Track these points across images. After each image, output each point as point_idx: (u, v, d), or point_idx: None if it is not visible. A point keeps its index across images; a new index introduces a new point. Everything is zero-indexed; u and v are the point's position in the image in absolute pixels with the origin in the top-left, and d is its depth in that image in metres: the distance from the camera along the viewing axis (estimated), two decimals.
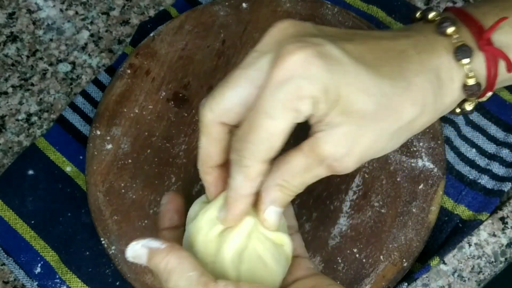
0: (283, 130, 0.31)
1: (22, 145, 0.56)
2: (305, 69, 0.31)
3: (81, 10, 0.61)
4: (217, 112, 0.34)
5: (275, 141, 0.32)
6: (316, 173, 0.34)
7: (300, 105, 0.31)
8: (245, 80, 0.33)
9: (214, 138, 0.35)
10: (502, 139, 0.54)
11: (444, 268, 0.50)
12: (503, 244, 0.51)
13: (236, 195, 0.34)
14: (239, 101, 0.33)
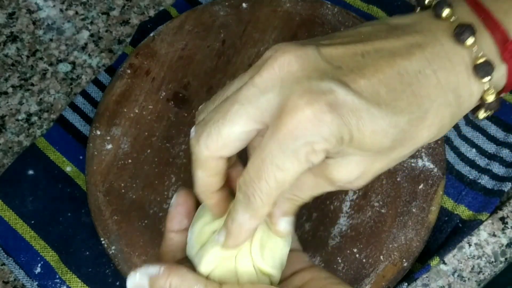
0: (295, 178, 0.31)
1: (22, 145, 0.56)
2: (316, 127, 0.29)
3: (81, 10, 0.61)
4: (214, 150, 0.32)
5: (286, 187, 0.31)
6: (324, 189, 0.34)
7: (313, 158, 0.30)
8: (244, 117, 0.31)
9: (211, 171, 0.34)
10: (502, 139, 0.54)
11: (444, 268, 0.50)
12: (503, 244, 0.51)
13: (240, 229, 0.33)
14: (237, 138, 0.32)
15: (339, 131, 0.30)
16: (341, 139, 0.30)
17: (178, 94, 0.54)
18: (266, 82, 0.31)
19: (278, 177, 0.30)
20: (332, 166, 0.32)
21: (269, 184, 0.30)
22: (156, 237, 0.50)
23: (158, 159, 0.52)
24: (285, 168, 0.30)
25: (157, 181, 0.51)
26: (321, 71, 0.30)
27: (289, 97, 0.30)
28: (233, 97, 0.32)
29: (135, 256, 0.49)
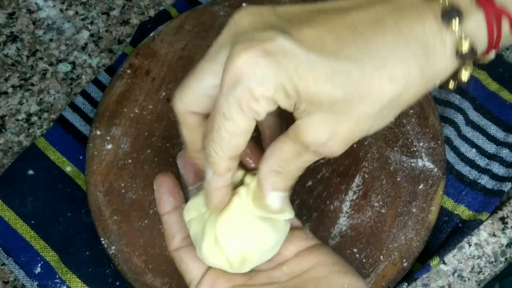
0: (244, 130, 0.32)
1: (22, 145, 0.56)
2: (252, 71, 0.30)
3: (81, 10, 0.61)
4: (186, 103, 0.35)
5: (238, 140, 0.32)
6: (306, 158, 0.34)
7: (255, 107, 0.31)
8: (209, 72, 0.33)
9: (192, 126, 0.36)
10: (502, 139, 0.54)
11: (444, 268, 0.50)
12: (503, 244, 0.51)
13: (210, 188, 0.35)
14: (204, 92, 0.34)
15: (275, 77, 0.30)
16: (282, 88, 0.30)
17: None
18: (224, 39, 0.33)
19: (227, 127, 0.31)
20: (301, 126, 0.32)
21: (220, 135, 0.32)
22: (156, 237, 0.50)
23: (158, 159, 0.52)
24: (232, 117, 0.31)
25: None
26: (268, 24, 0.31)
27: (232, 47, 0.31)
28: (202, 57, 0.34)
29: (135, 256, 0.49)
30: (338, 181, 0.51)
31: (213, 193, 0.35)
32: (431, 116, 0.53)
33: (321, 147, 0.32)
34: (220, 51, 0.33)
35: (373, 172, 0.51)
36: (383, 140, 0.52)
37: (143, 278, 0.49)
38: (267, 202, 0.35)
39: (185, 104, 0.35)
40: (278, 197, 0.35)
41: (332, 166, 0.52)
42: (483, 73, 0.56)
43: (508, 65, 0.57)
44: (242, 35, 0.31)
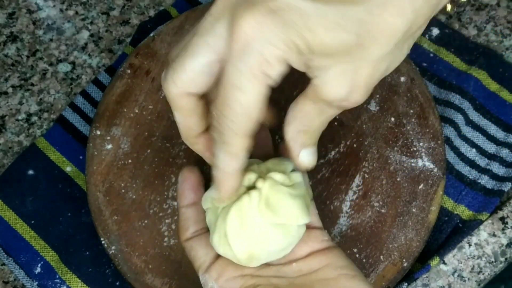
0: (258, 99, 0.30)
1: (22, 145, 0.56)
2: (260, 32, 0.28)
3: (81, 10, 0.61)
4: (181, 85, 0.32)
5: (252, 112, 0.30)
6: (330, 113, 0.33)
7: (268, 70, 0.29)
8: (204, 47, 0.31)
9: (187, 110, 0.34)
10: (502, 139, 0.54)
11: (444, 268, 0.50)
12: (503, 244, 0.51)
13: (223, 174, 0.33)
14: (201, 70, 0.32)
15: (286, 35, 0.28)
16: (294, 45, 0.29)
17: None
18: (219, 9, 0.31)
19: (241, 100, 0.29)
20: (320, 85, 0.31)
21: (234, 109, 0.30)
22: (156, 237, 0.50)
23: (158, 159, 0.52)
24: (245, 87, 0.29)
25: (157, 181, 0.51)
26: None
27: (234, 14, 0.29)
28: (193, 31, 0.32)
29: (135, 256, 0.49)
30: (338, 181, 0.51)
31: (225, 177, 0.33)
32: (431, 116, 0.53)
33: (344, 101, 0.32)
34: (216, 23, 0.31)
35: (373, 172, 0.51)
36: (383, 140, 0.52)
37: (143, 278, 0.49)
38: (300, 160, 0.35)
39: (180, 86, 0.32)
40: (308, 153, 0.35)
41: (332, 166, 0.52)
42: (483, 73, 0.56)
43: (508, 65, 0.57)
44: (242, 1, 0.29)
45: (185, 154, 0.52)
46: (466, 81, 0.56)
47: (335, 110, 0.33)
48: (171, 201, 0.51)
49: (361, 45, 0.30)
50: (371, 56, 0.30)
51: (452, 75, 0.57)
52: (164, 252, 0.49)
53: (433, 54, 0.57)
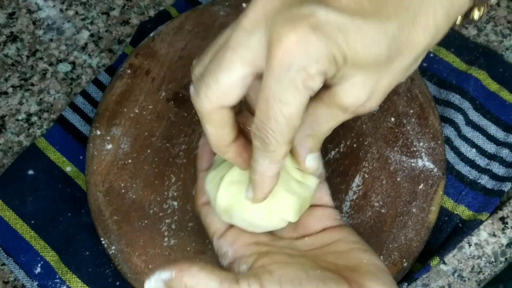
0: (300, 110, 0.31)
1: (22, 145, 0.56)
2: (304, 50, 0.29)
3: (81, 10, 0.61)
4: (215, 99, 0.33)
5: (295, 122, 0.31)
6: (341, 118, 0.34)
7: (311, 84, 0.30)
8: (239, 62, 0.32)
9: (220, 123, 0.34)
10: (502, 139, 0.54)
11: (444, 268, 0.50)
12: (503, 244, 0.51)
13: (263, 178, 0.34)
14: (235, 84, 0.32)
15: (328, 50, 0.29)
16: (333, 59, 0.30)
17: (178, 94, 0.54)
18: (252, 22, 0.31)
19: (284, 112, 0.30)
20: (339, 92, 0.32)
21: (278, 121, 0.31)
22: (156, 237, 0.50)
23: (158, 159, 0.52)
24: (288, 101, 0.30)
25: (157, 181, 0.51)
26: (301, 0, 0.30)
27: (273, 29, 0.30)
28: (225, 45, 0.32)
29: (135, 256, 0.49)
30: (338, 181, 0.51)
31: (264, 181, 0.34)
32: (431, 116, 0.53)
33: (360, 108, 0.33)
34: (250, 37, 0.31)
35: (373, 172, 0.51)
36: (383, 140, 0.52)
37: (143, 278, 0.49)
38: (307, 164, 0.36)
39: (214, 101, 0.33)
40: (314, 158, 0.36)
41: (332, 166, 0.52)
42: (483, 73, 0.56)
43: (508, 65, 0.57)
44: (278, 15, 0.30)
45: (185, 154, 0.52)
46: (466, 81, 0.56)
47: (348, 116, 0.34)
48: (171, 201, 0.51)
49: (389, 58, 0.31)
50: (393, 69, 0.32)
51: (452, 75, 0.57)
52: (164, 252, 0.49)
53: (433, 54, 0.57)
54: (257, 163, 0.33)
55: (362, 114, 0.34)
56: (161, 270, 0.33)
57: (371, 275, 0.34)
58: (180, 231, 0.50)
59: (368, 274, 0.34)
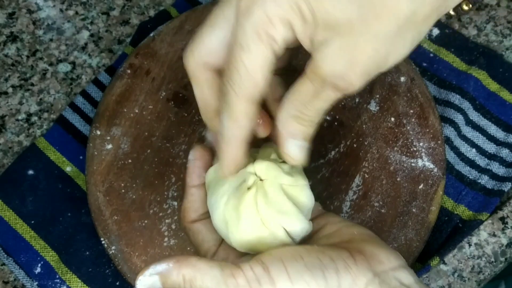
0: (263, 62, 0.30)
1: (22, 145, 0.56)
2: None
3: (81, 10, 0.61)
4: (198, 55, 0.33)
5: (256, 76, 0.30)
6: (325, 96, 0.32)
7: (272, 31, 0.29)
8: (222, 19, 0.32)
9: (204, 83, 0.34)
10: (502, 139, 0.54)
11: (444, 268, 0.50)
12: (503, 244, 0.51)
13: (225, 141, 0.33)
14: (219, 41, 0.32)
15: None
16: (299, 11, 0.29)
17: (178, 94, 0.54)
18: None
19: (244, 59, 0.30)
20: (317, 58, 0.30)
21: (238, 70, 0.30)
22: (156, 237, 0.50)
23: (158, 159, 0.52)
24: (248, 47, 0.29)
25: (157, 181, 0.51)
26: None
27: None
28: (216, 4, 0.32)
29: (135, 256, 0.49)
30: (338, 181, 0.51)
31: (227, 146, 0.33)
32: (431, 116, 0.53)
33: (339, 79, 0.31)
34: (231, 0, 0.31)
35: (373, 172, 0.51)
36: (383, 140, 0.52)
37: None
38: (286, 150, 0.34)
39: (198, 57, 0.33)
40: (298, 145, 0.34)
41: (332, 166, 0.52)
42: (483, 73, 0.56)
43: (508, 65, 0.57)
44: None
45: (185, 154, 0.52)
46: (466, 81, 0.56)
47: (330, 92, 0.32)
48: (171, 201, 0.51)
49: (363, 20, 0.29)
50: (371, 34, 0.29)
51: (452, 75, 0.57)
52: (164, 252, 0.49)
53: (433, 54, 0.57)
54: (222, 126, 0.33)
55: (345, 91, 0.31)
56: (156, 264, 0.32)
57: (366, 241, 0.34)
58: (180, 231, 0.50)
59: (363, 241, 0.34)
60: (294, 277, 0.30)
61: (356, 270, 0.31)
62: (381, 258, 0.33)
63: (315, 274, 0.31)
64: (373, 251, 0.33)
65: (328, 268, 0.31)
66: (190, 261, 0.32)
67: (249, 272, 0.31)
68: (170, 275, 0.32)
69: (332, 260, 0.31)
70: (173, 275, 0.32)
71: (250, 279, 0.31)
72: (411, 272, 0.33)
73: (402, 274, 0.33)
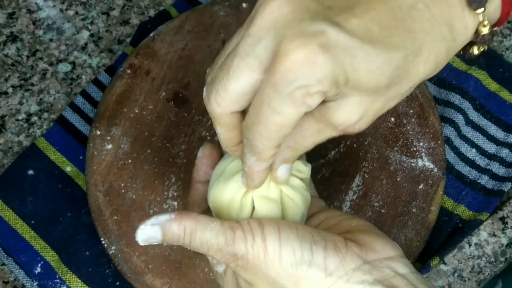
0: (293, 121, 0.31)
1: (22, 145, 0.56)
2: (310, 69, 0.29)
3: (81, 10, 0.61)
4: (225, 106, 0.33)
5: (286, 131, 0.31)
6: (327, 135, 0.34)
7: (309, 101, 0.30)
8: (245, 70, 0.32)
9: (229, 126, 0.35)
10: (502, 139, 0.54)
11: (444, 268, 0.50)
12: (503, 244, 0.51)
13: (251, 171, 0.34)
14: (243, 91, 0.32)
15: (333, 73, 0.29)
16: (336, 81, 0.30)
17: (178, 94, 0.54)
18: (260, 30, 0.31)
19: (276, 121, 0.30)
20: (333, 109, 0.32)
21: (268, 128, 0.31)
22: None
23: (158, 159, 0.52)
24: (282, 111, 0.30)
25: (157, 181, 0.51)
26: (312, 12, 0.30)
27: (282, 41, 0.29)
28: (233, 52, 0.32)
29: (135, 256, 0.49)
30: (338, 181, 0.51)
31: (255, 175, 0.35)
32: (431, 116, 0.53)
33: (350, 127, 0.33)
34: (257, 45, 0.31)
35: (373, 172, 0.51)
36: (383, 140, 0.52)
37: (143, 278, 0.49)
38: (278, 174, 0.36)
39: (224, 107, 0.33)
40: (286, 168, 0.36)
41: (332, 166, 0.52)
42: (483, 73, 0.56)
43: (508, 65, 0.57)
44: (287, 28, 0.30)
45: (185, 154, 0.52)
46: (466, 81, 0.56)
47: (335, 133, 0.34)
48: (171, 201, 0.51)
49: (388, 85, 0.32)
50: (389, 94, 0.33)
51: (452, 75, 0.57)
52: (164, 252, 0.49)
53: None
54: (246, 157, 0.34)
55: (348, 133, 0.34)
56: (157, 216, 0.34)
57: (362, 231, 0.35)
58: None
59: (359, 231, 0.35)
60: (283, 241, 0.33)
61: (345, 254, 0.33)
62: (375, 247, 0.34)
63: (303, 245, 0.33)
64: (368, 240, 0.34)
65: (317, 243, 0.33)
66: (192, 214, 0.34)
67: (246, 226, 0.33)
68: (171, 227, 0.33)
69: (323, 239, 0.33)
70: (174, 227, 0.33)
71: (246, 231, 0.33)
72: (407, 263, 0.34)
73: (397, 264, 0.34)
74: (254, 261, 0.33)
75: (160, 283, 0.49)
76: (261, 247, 0.33)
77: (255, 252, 0.33)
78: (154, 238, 0.34)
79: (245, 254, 0.33)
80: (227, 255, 0.33)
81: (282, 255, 0.32)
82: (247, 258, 0.33)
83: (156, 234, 0.34)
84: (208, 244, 0.33)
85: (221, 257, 0.34)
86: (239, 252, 0.33)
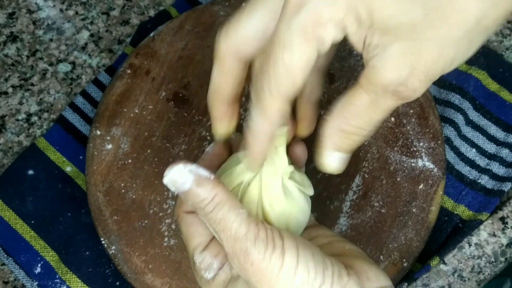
0: (305, 63, 0.28)
1: (22, 145, 0.56)
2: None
3: (81, 10, 0.61)
4: (232, 42, 0.31)
5: (296, 75, 0.28)
6: (384, 106, 0.30)
7: (321, 32, 0.27)
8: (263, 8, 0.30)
9: (226, 69, 0.33)
10: (502, 139, 0.54)
11: (444, 268, 0.50)
12: (503, 244, 0.51)
13: (253, 136, 0.32)
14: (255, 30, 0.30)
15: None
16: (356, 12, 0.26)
17: (178, 94, 0.54)
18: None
19: (285, 58, 0.27)
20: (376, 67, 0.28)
21: (277, 68, 0.28)
22: (156, 237, 0.50)
23: (158, 159, 0.52)
24: (292, 45, 0.27)
25: (157, 181, 0.51)
26: None
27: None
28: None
29: (135, 256, 0.49)
30: (338, 181, 0.51)
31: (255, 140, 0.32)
32: (431, 116, 0.53)
33: (402, 86, 0.28)
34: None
35: (373, 172, 0.51)
36: (383, 140, 0.52)
37: (143, 278, 0.49)
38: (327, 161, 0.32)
39: (230, 44, 0.31)
40: (340, 158, 0.32)
41: None
42: (483, 73, 0.56)
43: (508, 65, 0.57)
44: None
45: (185, 154, 0.52)
46: (466, 81, 0.56)
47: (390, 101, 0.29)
48: (171, 201, 0.51)
49: (429, 23, 0.26)
50: (437, 39, 0.27)
51: (452, 75, 0.57)
52: (164, 252, 0.49)
53: None
54: (251, 118, 0.31)
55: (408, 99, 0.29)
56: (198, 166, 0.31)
57: (356, 257, 0.34)
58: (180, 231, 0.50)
59: (353, 257, 0.34)
60: (301, 259, 0.31)
61: (347, 282, 0.32)
62: (370, 276, 0.33)
63: (318, 267, 0.31)
64: (363, 268, 0.33)
65: (329, 269, 0.32)
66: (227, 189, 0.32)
67: (269, 231, 0.31)
68: (205, 185, 0.31)
69: (332, 265, 0.32)
70: (208, 187, 0.31)
71: (269, 238, 0.31)
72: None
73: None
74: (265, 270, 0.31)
75: (160, 283, 0.49)
76: (279, 260, 0.31)
77: (272, 262, 0.31)
78: (181, 184, 0.31)
79: (259, 260, 0.31)
80: (238, 248, 0.31)
81: (297, 272, 0.31)
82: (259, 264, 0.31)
83: (187, 182, 0.31)
84: (228, 225, 0.31)
85: (230, 246, 0.31)
86: (253, 254, 0.31)
